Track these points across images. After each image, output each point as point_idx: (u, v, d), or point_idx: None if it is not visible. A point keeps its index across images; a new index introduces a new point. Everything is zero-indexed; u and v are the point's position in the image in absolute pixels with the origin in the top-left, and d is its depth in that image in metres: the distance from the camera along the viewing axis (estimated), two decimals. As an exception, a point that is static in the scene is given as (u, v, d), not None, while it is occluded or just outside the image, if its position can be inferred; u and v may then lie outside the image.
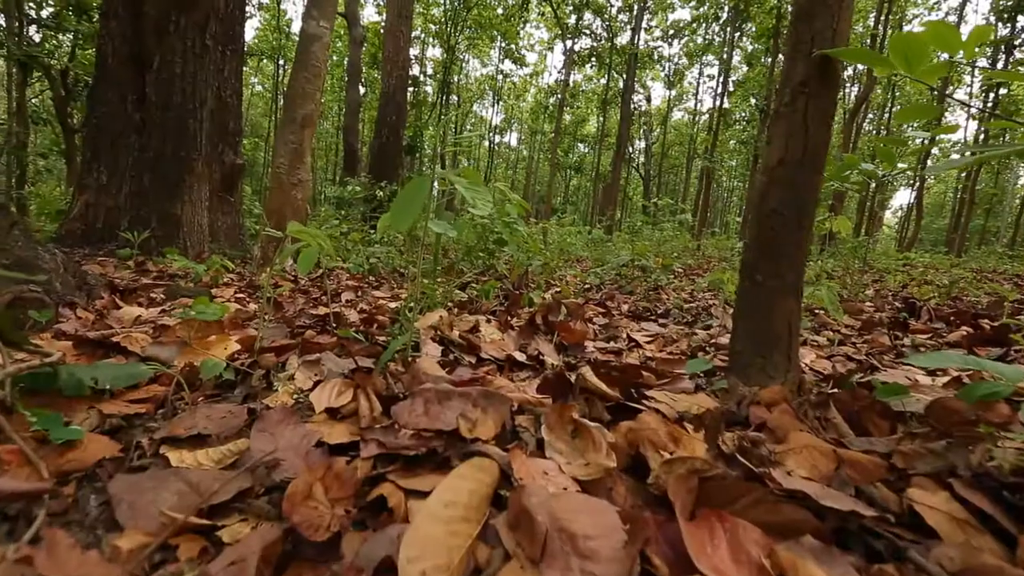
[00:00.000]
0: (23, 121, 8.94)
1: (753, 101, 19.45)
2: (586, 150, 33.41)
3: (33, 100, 11.83)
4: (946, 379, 1.25)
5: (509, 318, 1.76)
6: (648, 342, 1.91)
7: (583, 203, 39.20)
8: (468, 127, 31.70)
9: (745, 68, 19.08)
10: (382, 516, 0.56)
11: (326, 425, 0.75)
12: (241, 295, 2.12)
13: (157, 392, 0.88)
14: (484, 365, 1.20)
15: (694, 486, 0.58)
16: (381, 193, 9.19)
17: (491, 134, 32.08)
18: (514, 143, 40.42)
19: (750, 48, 17.44)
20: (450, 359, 1.22)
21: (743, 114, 22.13)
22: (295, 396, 0.90)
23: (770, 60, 14.87)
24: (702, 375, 1.25)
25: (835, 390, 1.06)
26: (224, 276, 2.62)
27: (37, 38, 8.81)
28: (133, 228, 3.69)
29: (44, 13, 8.74)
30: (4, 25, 8.63)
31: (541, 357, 1.31)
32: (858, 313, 2.77)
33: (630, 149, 25.41)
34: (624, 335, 1.93)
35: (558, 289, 3.46)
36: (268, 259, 3.20)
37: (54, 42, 9.01)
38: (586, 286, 4.36)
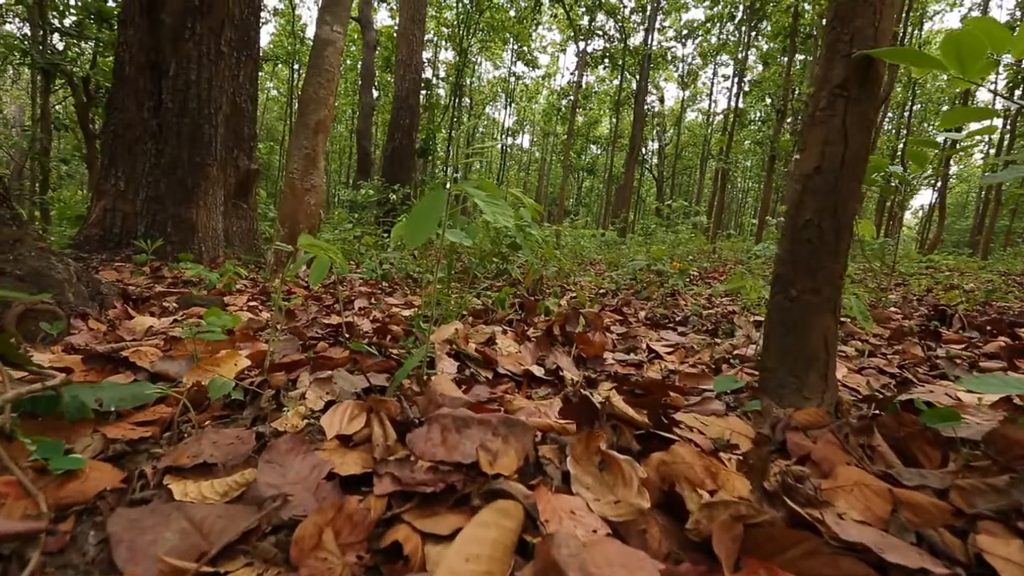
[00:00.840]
0: (46, 127, 9.12)
1: (768, 100, 19.17)
2: (599, 152, 33.25)
3: (57, 107, 12.10)
4: (993, 398, 1.18)
5: (525, 329, 1.71)
6: (668, 353, 1.85)
7: (595, 205, 39.01)
8: (480, 129, 31.77)
9: (760, 68, 18.81)
10: (397, 564, 0.52)
11: (338, 454, 0.71)
12: (254, 303, 2.10)
13: (164, 413, 0.84)
14: (502, 381, 1.16)
15: (739, 534, 0.53)
16: (394, 196, 9.22)
17: (503, 136, 32.08)
18: (526, 145, 40.39)
19: (765, 47, 17.18)
20: (466, 375, 1.18)
21: (758, 114, 21.83)
22: (306, 418, 0.86)
23: (786, 59, 14.64)
24: (730, 393, 1.19)
25: (877, 412, 0.99)
26: (238, 282, 2.62)
27: (60, 46, 8.99)
28: (149, 233, 3.72)
29: (67, 22, 8.92)
30: (29, 34, 8.83)
31: (560, 372, 1.26)
32: (886, 321, 2.67)
33: (643, 150, 25.21)
34: (644, 345, 1.87)
35: (573, 294, 3.40)
36: (282, 264, 3.19)
37: (76, 50, 9.19)
38: (601, 291, 4.30)
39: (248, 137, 4.23)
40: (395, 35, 13.18)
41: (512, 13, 18.33)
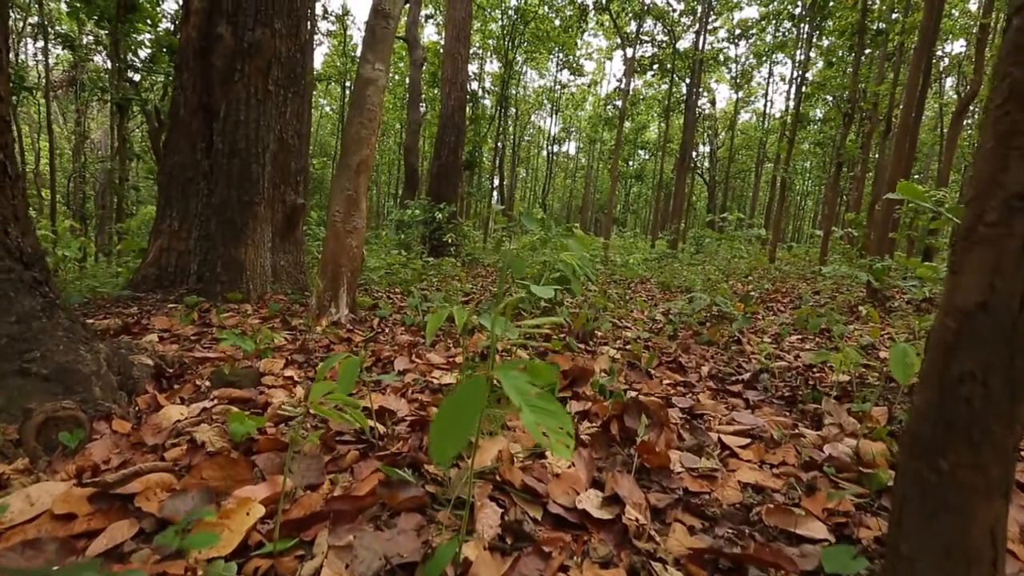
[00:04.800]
0: (123, 158, 9.75)
1: (830, 99, 17.96)
2: (647, 157, 32.45)
3: (136, 131, 13.01)
4: None
5: (578, 424, 1.51)
6: (743, 446, 1.59)
7: (644, 211, 38.12)
8: (527, 138, 31.77)
9: (820, 64, 17.68)
10: None
11: None
12: (290, 372, 2.01)
13: (149, 622, 0.71)
14: (553, 537, 0.96)
15: None
16: (440, 215, 9.24)
17: (549, 144, 31.92)
18: (572, 152, 40.07)
19: (826, 44, 16.09)
20: (512, 521, 0.99)
21: (818, 113, 20.58)
22: (313, 632, 0.70)
23: (852, 56, 13.65)
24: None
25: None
26: (278, 335, 2.55)
27: (136, 78, 9.60)
28: (201, 272, 3.79)
29: (142, 54, 9.54)
30: (110, 67, 9.50)
31: (622, 512, 1.05)
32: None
33: (694, 155, 24.32)
34: (714, 437, 1.62)
35: (626, 340, 3.16)
36: (324, 308, 3.13)
37: (150, 80, 9.79)
38: (656, 321, 4.02)
39: (295, 172, 4.26)
40: (441, 51, 13.32)
41: (557, 23, 18.18)
